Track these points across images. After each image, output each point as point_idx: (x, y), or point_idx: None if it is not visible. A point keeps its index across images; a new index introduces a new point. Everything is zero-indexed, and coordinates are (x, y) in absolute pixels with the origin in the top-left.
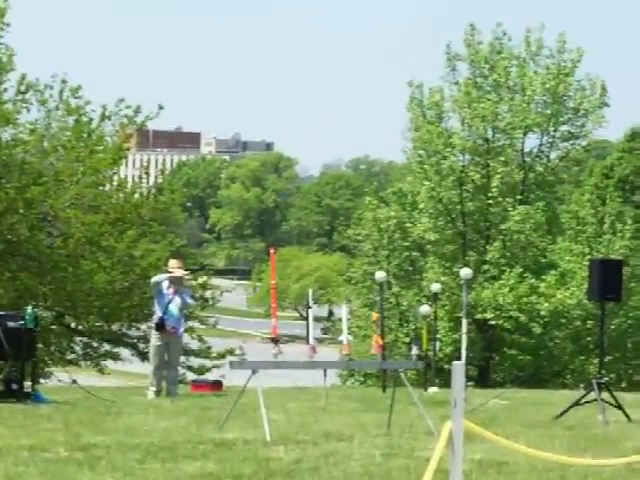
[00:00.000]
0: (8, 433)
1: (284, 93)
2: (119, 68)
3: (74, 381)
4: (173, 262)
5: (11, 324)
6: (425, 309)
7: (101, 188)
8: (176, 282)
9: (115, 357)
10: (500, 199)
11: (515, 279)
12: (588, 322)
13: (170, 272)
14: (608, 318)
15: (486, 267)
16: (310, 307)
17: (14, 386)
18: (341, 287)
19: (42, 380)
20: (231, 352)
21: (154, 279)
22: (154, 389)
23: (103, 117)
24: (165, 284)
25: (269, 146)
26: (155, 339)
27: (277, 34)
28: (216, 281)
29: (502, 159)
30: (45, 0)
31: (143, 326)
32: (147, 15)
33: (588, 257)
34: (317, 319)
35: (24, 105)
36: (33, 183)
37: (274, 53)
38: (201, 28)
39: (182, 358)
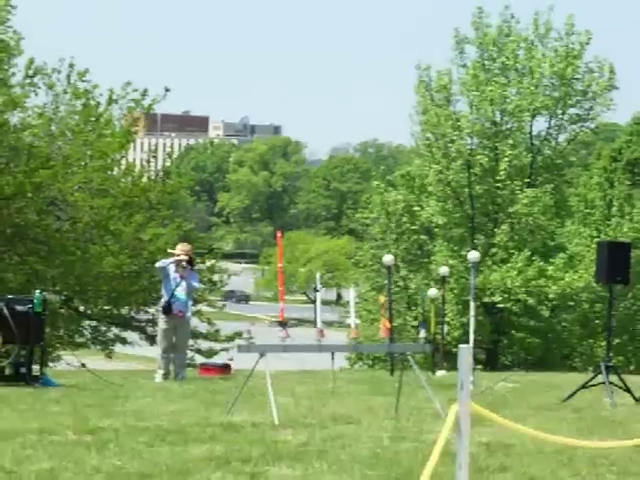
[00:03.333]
0: (17, 416)
1: (292, 76)
2: (126, 51)
3: (83, 364)
4: (180, 246)
5: (19, 308)
6: (433, 292)
7: (109, 172)
8: (182, 265)
9: (123, 341)
10: (508, 182)
11: (523, 262)
12: (596, 305)
13: (176, 255)
14: (616, 301)
15: (494, 250)
16: (318, 291)
17: (23, 370)
18: (349, 271)
19: (50, 364)
20: (239, 335)
21: (158, 264)
22: (162, 372)
23: (110, 101)
24: (172, 268)
25: (277, 130)
26: (163, 323)
27: (285, 17)
28: (224, 265)
29: (510, 142)
30: None
31: (151, 310)
32: None
33: (596, 240)
34: (325, 303)
35: (32, 89)
36: (41, 167)
37: (282, 36)
38: (208, 10)
39: (190, 341)
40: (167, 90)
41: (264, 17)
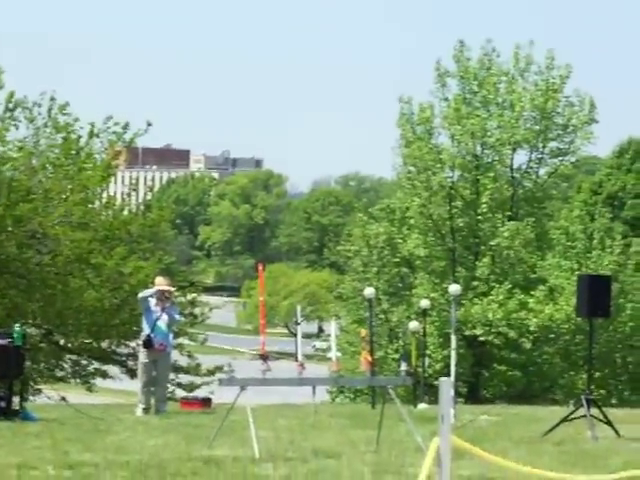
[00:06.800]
0: None
1: (273, 109)
2: (107, 85)
3: (63, 398)
4: (160, 279)
5: None
6: (414, 325)
7: (90, 205)
8: (163, 298)
9: (104, 375)
10: (489, 215)
11: (504, 295)
12: (577, 337)
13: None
14: (597, 333)
15: (475, 283)
16: (299, 324)
17: (2, 404)
18: (331, 304)
19: (31, 398)
20: (220, 369)
21: (141, 294)
22: (143, 406)
23: (91, 134)
24: (153, 301)
25: (258, 163)
26: (143, 356)
27: (265, 51)
28: (205, 298)
29: (491, 175)
30: (32, 17)
31: (132, 343)
32: (135, 32)
33: (577, 273)
34: (307, 336)
35: (12, 123)
36: (22, 200)
37: (262, 70)
38: (189, 44)
39: (171, 375)
40: (149, 124)
41: (244, 50)
